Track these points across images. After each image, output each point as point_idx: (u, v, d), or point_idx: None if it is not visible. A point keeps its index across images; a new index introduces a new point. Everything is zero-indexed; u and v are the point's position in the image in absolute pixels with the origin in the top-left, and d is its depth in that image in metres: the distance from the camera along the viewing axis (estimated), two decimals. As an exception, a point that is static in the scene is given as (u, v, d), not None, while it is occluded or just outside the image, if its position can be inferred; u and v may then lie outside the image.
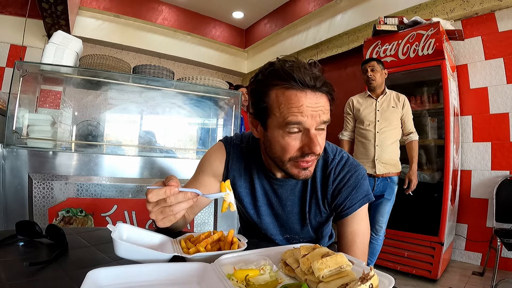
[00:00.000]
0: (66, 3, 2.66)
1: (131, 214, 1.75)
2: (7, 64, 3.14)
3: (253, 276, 0.50)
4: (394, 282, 0.45)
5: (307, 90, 0.66)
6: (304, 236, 0.88)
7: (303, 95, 0.66)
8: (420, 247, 2.28)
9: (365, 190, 0.80)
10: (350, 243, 0.78)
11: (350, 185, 0.79)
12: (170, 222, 0.62)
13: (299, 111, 0.66)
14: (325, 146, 0.84)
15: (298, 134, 0.68)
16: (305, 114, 0.66)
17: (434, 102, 2.52)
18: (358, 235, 0.78)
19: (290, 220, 0.86)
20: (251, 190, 0.87)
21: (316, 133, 0.68)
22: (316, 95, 0.67)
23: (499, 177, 2.39)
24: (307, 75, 0.66)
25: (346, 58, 3.88)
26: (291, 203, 0.84)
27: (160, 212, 0.60)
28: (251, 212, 0.88)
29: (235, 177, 0.86)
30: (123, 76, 1.98)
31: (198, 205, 0.90)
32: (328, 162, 0.82)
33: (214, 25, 5.19)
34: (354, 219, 0.79)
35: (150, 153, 2.17)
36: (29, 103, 1.98)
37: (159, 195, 0.58)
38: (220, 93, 2.21)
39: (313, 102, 0.66)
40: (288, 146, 0.69)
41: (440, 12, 2.82)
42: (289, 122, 0.66)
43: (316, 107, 0.66)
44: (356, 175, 0.80)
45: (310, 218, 0.84)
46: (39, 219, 1.55)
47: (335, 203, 0.80)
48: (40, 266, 0.54)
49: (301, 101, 0.66)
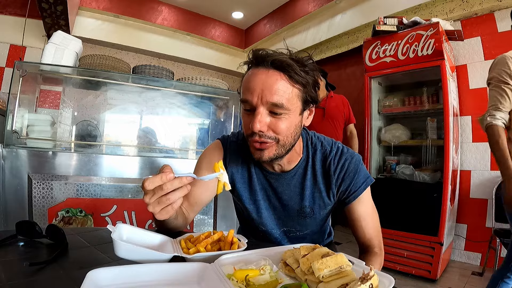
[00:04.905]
0: (66, 3, 2.66)
1: (130, 214, 1.75)
2: (7, 64, 3.14)
3: (253, 276, 0.50)
4: (394, 282, 0.45)
5: (260, 68, 0.69)
6: (301, 229, 0.90)
7: (255, 73, 0.69)
8: (420, 247, 2.28)
9: (365, 174, 0.84)
10: (364, 224, 0.82)
11: (351, 171, 0.82)
12: (167, 214, 0.61)
13: (248, 89, 0.69)
14: (321, 140, 0.87)
15: (249, 113, 0.72)
16: (253, 91, 0.68)
17: (434, 102, 2.52)
18: (369, 215, 0.83)
19: (287, 213, 0.88)
20: (249, 185, 0.88)
21: (263, 113, 0.69)
22: (268, 73, 0.68)
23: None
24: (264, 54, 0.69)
25: (345, 58, 3.88)
26: (288, 197, 0.86)
27: (158, 203, 0.60)
28: (250, 207, 0.89)
29: (233, 173, 0.88)
30: (123, 76, 1.98)
31: (198, 203, 0.90)
32: (326, 155, 0.84)
33: (214, 25, 5.19)
34: (361, 202, 0.82)
35: (150, 153, 2.17)
36: (29, 103, 1.98)
37: (155, 182, 0.58)
38: (219, 93, 2.21)
39: (261, 79, 0.68)
40: (244, 122, 0.74)
41: (439, 13, 2.82)
42: (241, 99, 0.72)
43: (265, 84, 0.67)
44: (354, 161, 0.83)
45: (315, 211, 0.86)
46: (38, 219, 1.55)
47: (341, 191, 0.83)
48: (40, 266, 0.54)
49: (252, 78, 0.69)
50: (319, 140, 0.87)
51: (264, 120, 0.70)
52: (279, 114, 0.70)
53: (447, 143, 2.28)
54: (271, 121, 0.70)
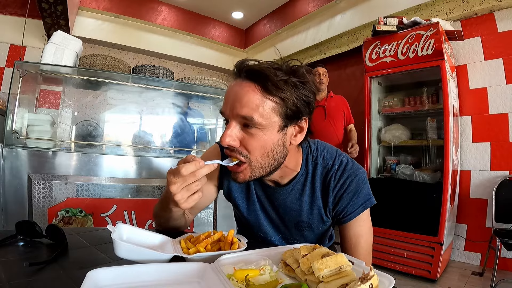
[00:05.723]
0: (66, 3, 2.66)
1: (130, 214, 1.75)
2: (7, 64, 3.14)
3: (253, 276, 0.50)
4: (394, 282, 0.45)
5: (237, 79, 0.66)
6: (300, 240, 0.87)
7: (231, 84, 0.67)
8: (420, 247, 2.28)
9: (366, 195, 0.78)
10: (354, 245, 0.78)
11: (350, 191, 0.76)
12: (194, 202, 0.63)
13: (224, 100, 0.67)
14: (324, 153, 0.81)
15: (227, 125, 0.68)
16: (226, 103, 0.66)
17: (434, 102, 2.52)
18: (361, 236, 0.78)
19: (284, 225, 0.85)
20: (246, 195, 0.86)
21: (234, 126, 0.64)
22: (241, 84, 0.64)
23: (499, 177, 2.40)
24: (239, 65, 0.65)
25: (345, 58, 3.88)
26: (284, 211, 0.83)
27: (187, 190, 0.61)
28: (248, 216, 0.87)
29: (230, 181, 0.85)
30: (123, 76, 1.98)
31: (198, 207, 0.91)
32: (328, 169, 0.79)
33: (214, 25, 5.19)
34: (356, 222, 0.78)
35: (150, 153, 2.17)
36: (29, 103, 1.98)
37: (191, 168, 0.59)
38: (219, 93, 2.21)
39: (234, 90, 0.65)
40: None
41: (439, 13, 2.82)
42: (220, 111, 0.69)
43: (237, 96, 0.63)
44: (357, 180, 0.77)
45: (313, 226, 0.83)
46: (38, 219, 1.55)
47: (336, 210, 0.79)
48: (40, 266, 0.54)
49: (228, 90, 0.67)
50: (321, 153, 0.81)
51: (234, 134, 0.65)
52: (251, 128, 0.64)
53: (447, 143, 2.28)
54: (244, 136, 0.65)
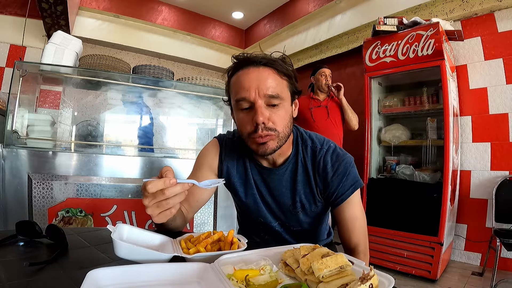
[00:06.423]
0: (66, 3, 2.66)
1: (130, 214, 1.75)
2: (7, 64, 3.14)
3: (253, 276, 0.50)
4: (394, 282, 0.45)
5: (250, 67, 0.75)
6: (295, 225, 0.91)
7: (246, 73, 0.75)
8: (420, 247, 2.28)
9: (355, 177, 0.83)
10: (351, 228, 0.82)
11: (340, 173, 0.82)
12: (165, 218, 0.62)
13: (243, 87, 0.74)
14: (313, 137, 0.88)
15: (247, 111, 0.75)
16: (248, 88, 0.73)
17: (434, 102, 2.52)
18: (356, 218, 0.82)
19: (280, 208, 0.89)
20: (244, 179, 0.91)
21: (262, 106, 0.73)
22: (259, 70, 0.75)
23: (499, 178, 2.40)
24: (250, 56, 0.76)
25: (345, 59, 3.88)
26: (279, 193, 0.87)
27: (157, 206, 0.60)
28: (247, 201, 0.91)
29: (229, 167, 0.91)
30: (123, 76, 1.98)
31: (198, 203, 0.91)
32: (316, 152, 0.85)
33: (214, 26, 5.19)
34: (349, 205, 0.82)
35: (150, 153, 2.17)
36: (29, 103, 1.98)
37: (158, 186, 0.58)
38: (219, 93, 2.21)
39: (254, 76, 0.74)
40: (242, 121, 0.77)
41: (439, 13, 2.82)
42: (237, 99, 0.75)
43: (259, 79, 0.73)
44: (344, 163, 0.83)
45: (306, 207, 0.87)
46: (38, 219, 1.55)
47: (328, 193, 0.83)
48: (40, 266, 0.54)
49: (244, 78, 0.75)
50: (310, 137, 0.89)
51: (265, 112, 0.73)
52: (276, 106, 0.75)
53: (447, 143, 2.28)
54: (270, 113, 0.74)
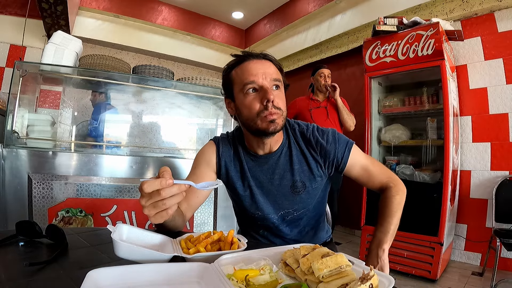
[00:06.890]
0: (66, 3, 2.66)
1: (130, 215, 1.75)
2: (7, 64, 3.14)
3: (253, 276, 0.50)
4: (394, 282, 0.45)
5: (255, 59, 0.87)
6: (297, 208, 0.93)
7: (252, 62, 0.86)
8: (420, 247, 2.28)
9: (345, 139, 0.93)
10: (368, 175, 0.92)
11: (331, 141, 0.91)
12: (162, 218, 0.61)
13: (250, 74, 0.84)
14: (297, 122, 0.99)
15: (255, 93, 0.84)
16: (256, 74, 0.83)
17: (434, 102, 2.52)
18: (367, 166, 0.92)
19: (281, 193, 0.92)
20: (241, 173, 0.95)
21: (271, 86, 0.84)
22: (263, 62, 0.87)
23: (499, 178, 2.40)
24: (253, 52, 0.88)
25: (345, 59, 3.88)
26: (279, 176, 0.92)
27: (153, 207, 0.59)
28: (244, 194, 0.94)
29: (227, 162, 0.96)
30: (123, 76, 1.98)
31: (197, 202, 0.92)
32: (304, 132, 0.95)
33: (214, 26, 5.19)
34: (353, 161, 0.91)
35: (150, 153, 2.17)
36: (29, 103, 1.98)
37: (154, 186, 0.57)
38: (219, 93, 2.20)
39: (260, 65, 0.85)
40: (250, 104, 0.83)
41: (439, 13, 2.82)
42: (245, 83, 0.83)
43: (264, 68, 0.85)
44: (331, 133, 0.93)
45: (306, 184, 0.92)
46: (38, 219, 1.55)
47: (329, 161, 0.92)
48: (40, 266, 0.54)
49: (251, 66, 0.85)
50: (295, 122, 0.99)
51: (273, 92, 0.83)
52: (278, 88, 0.86)
53: (447, 143, 2.27)
54: (275, 94, 0.83)
